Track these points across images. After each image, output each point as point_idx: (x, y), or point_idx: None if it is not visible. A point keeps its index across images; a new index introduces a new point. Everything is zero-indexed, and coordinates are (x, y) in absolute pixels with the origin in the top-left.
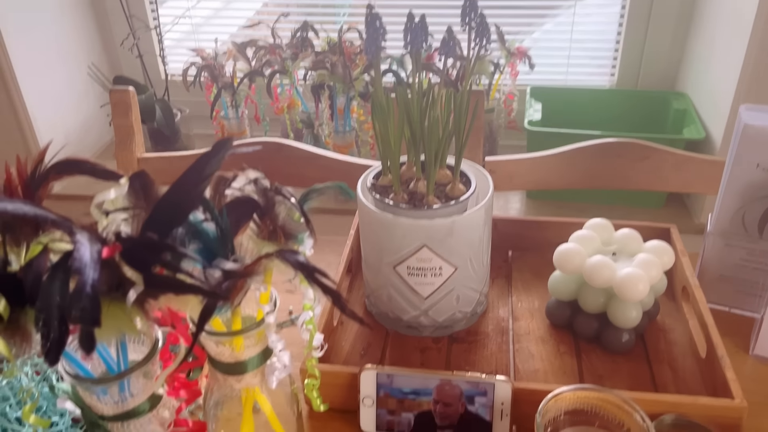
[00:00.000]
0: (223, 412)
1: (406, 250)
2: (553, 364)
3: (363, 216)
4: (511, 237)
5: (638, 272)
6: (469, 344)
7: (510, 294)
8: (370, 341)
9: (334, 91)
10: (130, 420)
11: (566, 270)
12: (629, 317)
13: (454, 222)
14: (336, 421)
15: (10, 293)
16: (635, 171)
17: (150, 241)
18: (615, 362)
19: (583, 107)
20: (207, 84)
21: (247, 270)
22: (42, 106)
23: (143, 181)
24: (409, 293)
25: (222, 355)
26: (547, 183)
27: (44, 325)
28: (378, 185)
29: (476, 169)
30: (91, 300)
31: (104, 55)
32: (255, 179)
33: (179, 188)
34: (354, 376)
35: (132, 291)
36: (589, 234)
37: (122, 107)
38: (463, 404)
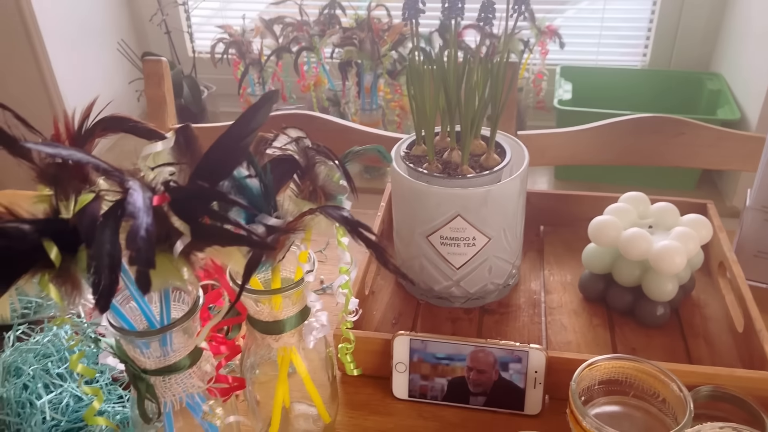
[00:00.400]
0: (258, 375)
1: (439, 220)
2: (586, 336)
3: (396, 185)
4: (543, 211)
5: (676, 245)
6: (501, 316)
7: (542, 267)
8: (401, 311)
9: (361, 68)
10: (172, 374)
11: (601, 242)
12: (665, 290)
13: (489, 191)
14: (368, 386)
15: (62, 241)
16: (671, 147)
17: (199, 190)
18: (649, 335)
19: (614, 88)
20: (234, 61)
21: (290, 226)
22: (72, 81)
23: (187, 136)
24: (441, 263)
25: (261, 314)
26: (579, 158)
27: (96, 273)
28: (411, 155)
29: (510, 140)
30: (146, 242)
31: (132, 32)
32: (297, 138)
33: (226, 140)
34: (387, 342)
35: (179, 242)
36: (625, 207)
37: (155, 78)
38: (497, 371)
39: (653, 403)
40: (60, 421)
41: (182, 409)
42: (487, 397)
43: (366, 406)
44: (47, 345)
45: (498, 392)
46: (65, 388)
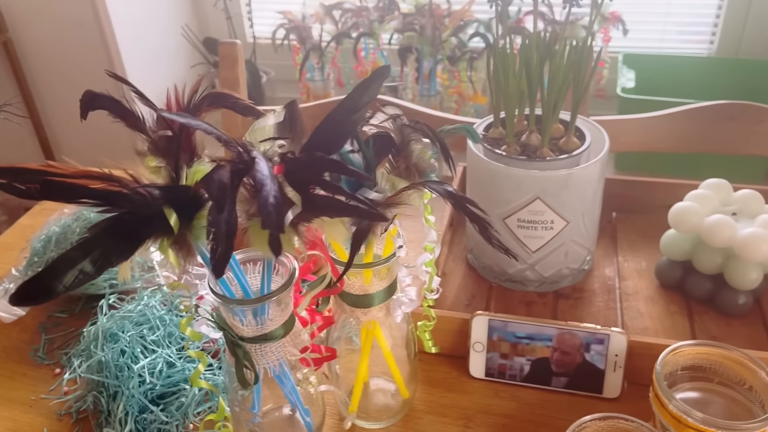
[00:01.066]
0: (341, 351)
1: (517, 202)
2: (664, 323)
3: (472, 167)
4: (616, 198)
5: (763, 232)
6: (575, 300)
7: (616, 254)
8: (474, 293)
9: (421, 54)
10: (267, 343)
11: (682, 228)
12: (749, 279)
13: (570, 175)
14: (444, 365)
15: (180, 209)
16: (750, 135)
17: (316, 159)
18: (730, 324)
19: (680, 76)
20: (294, 47)
21: (390, 200)
22: (137, 62)
23: (293, 112)
24: (517, 246)
25: (352, 287)
26: (653, 146)
27: (215, 239)
28: (488, 137)
29: (590, 123)
30: (276, 208)
31: (194, 17)
32: (394, 116)
33: (338, 114)
34: (465, 322)
35: (290, 212)
36: (707, 193)
37: (230, 60)
38: (582, 354)
39: (739, 390)
40: (155, 385)
41: (268, 379)
42: (569, 379)
43: (443, 383)
44: (141, 312)
45: (579, 374)
46: (159, 354)
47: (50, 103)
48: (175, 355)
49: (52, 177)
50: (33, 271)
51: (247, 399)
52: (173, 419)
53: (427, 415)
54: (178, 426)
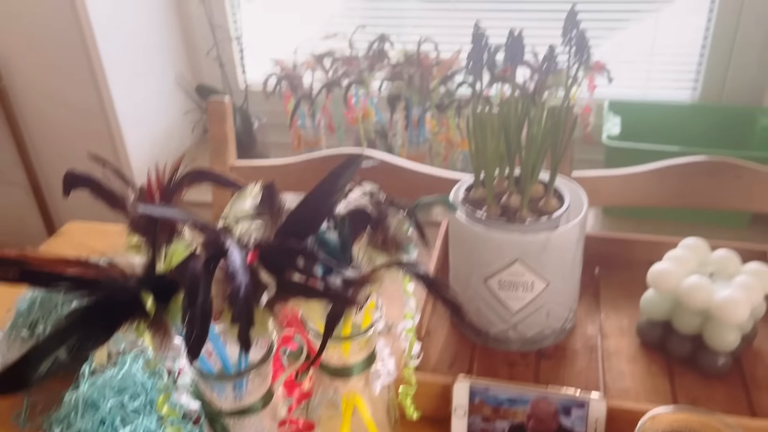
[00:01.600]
0: (321, 416)
1: (498, 264)
2: (645, 384)
3: (454, 229)
4: (598, 254)
5: (739, 295)
6: (558, 360)
7: (598, 311)
8: (457, 353)
9: (409, 102)
10: (245, 416)
11: (661, 289)
12: (727, 341)
13: (549, 238)
14: (426, 428)
15: (157, 292)
16: (727, 191)
17: (288, 247)
18: (709, 385)
19: (664, 122)
20: (286, 94)
21: (365, 278)
22: (130, 110)
23: (270, 191)
24: (498, 307)
25: (331, 358)
26: (633, 200)
27: (189, 323)
28: (470, 198)
29: (569, 182)
30: (247, 301)
31: (188, 64)
32: (371, 192)
33: (313, 200)
34: (446, 386)
35: (265, 294)
36: (685, 254)
37: (218, 116)
38: (558, 422)
39: None
40: None
41: None
42: None
43: None
44: (123, 380)
45: None
46: (139, 424)
47: (45, 156)
48: (155, 423)
49: (30, 266)
50: (15, 336)
51: None
52: None
53: None
54: None
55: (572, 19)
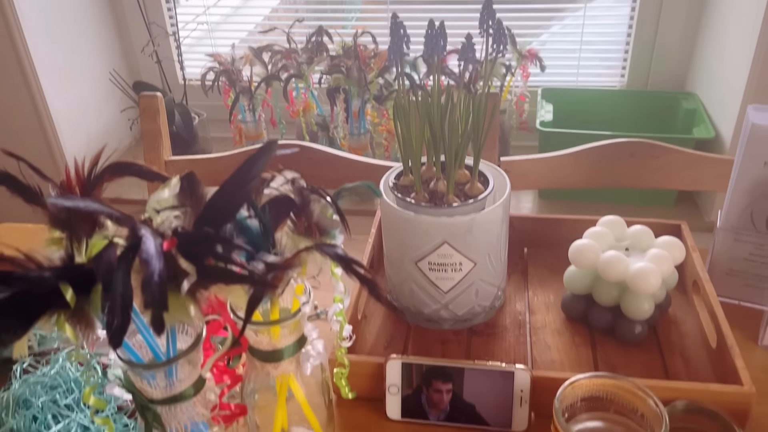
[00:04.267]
0: (258, 401)
1: (427, 247)
2: (569, 354)
3: (386, 214)
4: (526, 234)
5: (650, 266)
6: (488, 336)
7: (526, 289)
8: (393, 334)
9: (349, 94)
10: (177, 403)
11: (581, 265)
12: (642, 309)
13: (474, 219)
14: (362, 408)
15: (76, 283)
16: (646, 170)
17: (205, 235)
18: (628, 353)
19: (594, 108)
20: (225, 88)
21: (288, 262)
22: (65, 110)
23: (191, 182)
24: (430, 288)
25: (261, 343)
26: (560, 182)
27: (109, 313)
28: (399, 185)
29: (493, 168)
30: (160, 287)
31: (124, 61)
32: (292, 179)
33: (229, 187)
34: (380, 366)
35: (186, 281)
36: (603, 230)
37: (150, 112)
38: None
39: (633, 418)
40: None
41: None
42: (475, 416)
43: (361, 427)
44: (54, 377)
45: (487, 410)
46: (73, 419)
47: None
48: (89, 419)
49: None
50: None
51: None
52: None
53: None
54: None
55: (489, 9)
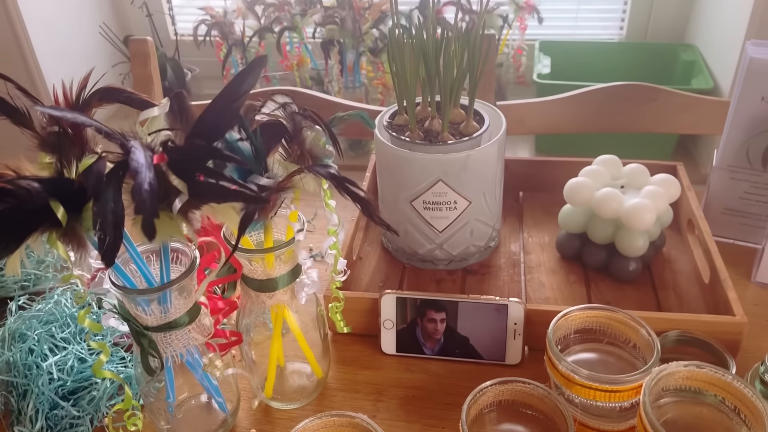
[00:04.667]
0: (254, 336)
1: (422, 185)
2: (563, 292)
3: (380, 153)
4: (522, 178)
5: (645, 202)
6: (483, 276)
7: (521, 230)
8: (388, 274)
9: (343, 47)
10: (172, 331)
11: (576, 202)
12: (636, 246)
13: (469, 156)
14: (358, 344)
15: (67, 201)
16: (643, 114)
17: (196, 148)
18: (622, 290)
19: (592, 61)
20: (217, 42)
21: (280, 185)
22: (55, 66)
23: (181, 102)
24: (425, 227)
25: (255, 272)
26: (556, 127)
27: (101, 229)
28: (394, 124)
29: (489, 108)
30: (150, 194)
31: (114, 15)
32: (284, 104)
33: (219, 103)
34: (375, 301)
35: (178, 200)
36: (598, 168)
37: (141, 57)
38: (482, 324)
39: (625, 348)
40: (66, 381)
41: (182, 367)
42: (469, 349)
43: (356, 361)
44: (50, 311)
45: (481, 343)
46: (70, 351)
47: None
48: (86, 351)
49: None
50: None
51: (162, 390)
52: (85, 413)
53: (340, 392)
54: (92, 420)
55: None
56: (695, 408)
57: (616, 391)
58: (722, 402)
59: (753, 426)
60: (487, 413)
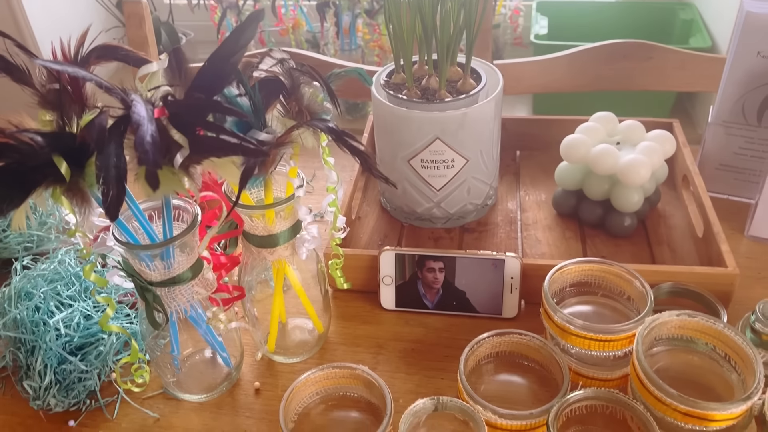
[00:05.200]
0: (256, 294)
1: (419, 143)
2: (559, 248)
3: (377, 112)
4: (519, 137)
5: (640, 158)
6: (480, 233)
7: (518, 189)
8: (386, 233)
9: (339, 8)
10: (176, 286)
11: (572, 159)
12: (632, 201)
13: (466, 114)
14: (358, 300)
15: (69, 157)
16: (640, 71)
17: (196, 101)
18: (618, 245)
19: (590, 21)
20: (211, 6)
21: (280, 140)
22: (48, 31)
23: (179, 58)
24: (422, 186)
25: (256, 228)
26: (553, 86)
27: (104, 183)
28: (391, 83)
29: (486, 65)
30: (153, 145)
31: None
32: (281, 59)
33: (217, 57)
34: (374, 258)
35: (179, 154)
36: (594, 125)
37: (136, 19)
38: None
39: (620, 301)
40: (73, 337)
41: (186, 323)
42: (467, 304)
43: (356, 317)
44: (55, 270)
45: (475, 299)
46: (75, 308)
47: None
48: (92, 308)
49: None
50: None
51: (167, 345)
52: (92, 368)
53: (341, 346)
54: (99, 374)
55: None
56: (687, 356)
57: (610, 340)
58: (713, 350)
59: (743, 372)
60: (485, 364)
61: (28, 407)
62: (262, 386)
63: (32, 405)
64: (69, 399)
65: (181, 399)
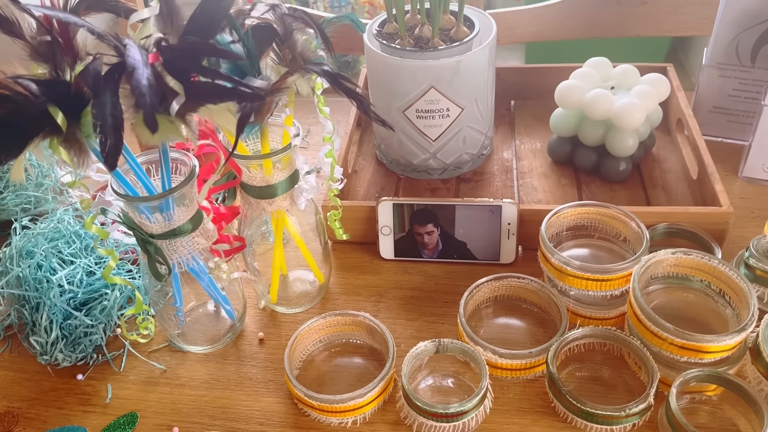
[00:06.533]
0: (256, 248)
1: (414, 93)
2: (555, 194)
3: (371, 63)
4: (514, 86)
5: (635, 101)
6: (476, 183)
7: (513, 138)
8: (383, 185)
9: None
10: (176, 238)
11: (567, 105)
12: (626, 146)
13: (460, 61)
14: (357, 251)
15: (65, 106)
16: (633, 17)
17: (190, 45)
18: (613, 190)
19: None
20: None
21: (275, 86)
22: None
23: (170, 5)
24: (418, 137)
25: (254, 179)
26: (546, 34)
27: (101, 132)
28: (383, 33)
29: (479, 13)
30: (149, 88)
31: None
32: (273, 5)
33: (208, 3)
34: (372, 209)
35: (175, 102)
36: (589, 71)
37: None
38: (478, 225)
39: (616, 242)
40: (77, 293)
41: (189, 276)
42: (465, 251)
43: (356, 267)
44: (55, 228)
45: (473, 246)
46: (78, 265)
47: None
48: (94, 264)
49: None
50: None
51: (171, 298)
52: (98, 322)
53: (342, 296)
54: (104, 328)
55: None
56: (682, 293)
57: (607, 279)
58: (708, 286)
59: (737, 306)
60: (484, 308)
61: (36, 363)
62: (266, 336)
63: (39, 360)
64: (76, 353)
65: (186, 351)
